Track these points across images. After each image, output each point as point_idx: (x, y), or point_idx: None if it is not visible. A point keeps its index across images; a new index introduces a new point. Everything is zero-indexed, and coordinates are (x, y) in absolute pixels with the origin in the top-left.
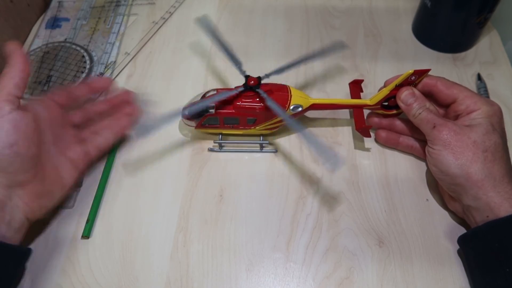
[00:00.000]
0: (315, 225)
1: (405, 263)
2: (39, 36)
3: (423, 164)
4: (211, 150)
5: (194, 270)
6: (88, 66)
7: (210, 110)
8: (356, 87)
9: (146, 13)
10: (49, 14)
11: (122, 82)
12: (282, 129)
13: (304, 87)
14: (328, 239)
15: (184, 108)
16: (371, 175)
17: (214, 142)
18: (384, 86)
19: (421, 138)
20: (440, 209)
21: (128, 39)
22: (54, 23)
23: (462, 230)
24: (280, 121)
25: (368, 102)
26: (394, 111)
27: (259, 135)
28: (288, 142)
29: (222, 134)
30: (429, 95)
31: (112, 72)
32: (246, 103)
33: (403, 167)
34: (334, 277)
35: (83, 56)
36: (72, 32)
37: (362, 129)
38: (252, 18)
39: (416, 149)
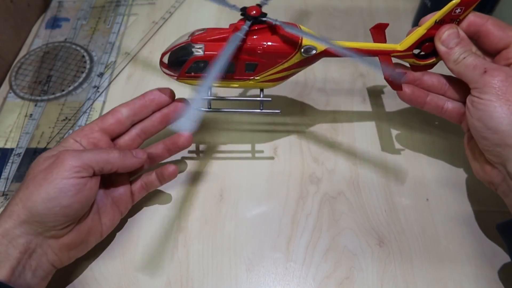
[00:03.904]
0: (315, 225)
1: (405, 263)
2: (39, 36)
3: (423, 164)
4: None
5: (194, 270)
6: (88, 66)
7: (197, 52)
8: (379, 32)
9: (146, 13)
10: (49, 14)
11: (122, 82)
12: (282, 129)
13: (304, 87)
14: (328, 239)
15: (164, 54)
16: (371, 175)
17: (202, 99)
18: (419, 26)
19: (456, 98)
20: (440, 209)
21: (128, 39)
22: (54, 23)
23: (463, 229)
24: (287, 68)
25: (397, 47)
26: (433, 59)
27: (258, 91)
28: (288, 142)
29: (211, 87)
30: (473, 39)
31: (112, 72)
32: (244, 41)
33: (403, 167)
34: (334, 277)
35: (83, 56)
36: (72, 32)
37: (392, 76)
38: None
39: (448, 111)
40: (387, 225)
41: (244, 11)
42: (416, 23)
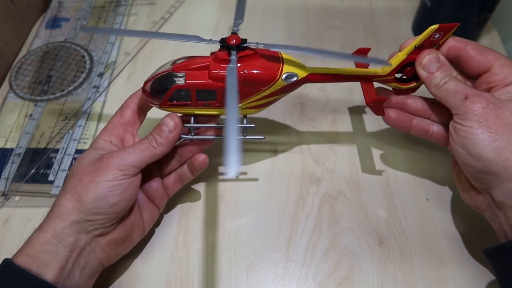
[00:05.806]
0: (315, 225)
1: (405, 263)
2: (39, 36)
3: (423, 164)
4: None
5: (194, 270)
6: (88, 66)
7: (179, 81)
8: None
9: (146, 13)
10: (49, 14)
11: (122, 82)
12: (282, 129)
13: (304, 86)
14: (328, 239)
15: (146, 82)
16: (371, 175)
17: (185, 126)
18: (400, 50)
19: (441, 121)
20: (440, 209)
21: (128, 39)
22: (54, 23)
23: (463, 230)
24: (269, 95)
25: (378, 71)
26: (414, 84)
27: (241, 117)
28: (289, 142)
29: (194, 115)
30: (454, 63)
31: (112, 72)
32: (224, 70)
33: (403, 167)
34: (334, 277)
35: (83, 56)
36: (72, 32)
37: (374, 102)
38: (252, 18)
39: (434, 134)
40: (387, 225)
41: (224, 41)
42: (416, 23)
